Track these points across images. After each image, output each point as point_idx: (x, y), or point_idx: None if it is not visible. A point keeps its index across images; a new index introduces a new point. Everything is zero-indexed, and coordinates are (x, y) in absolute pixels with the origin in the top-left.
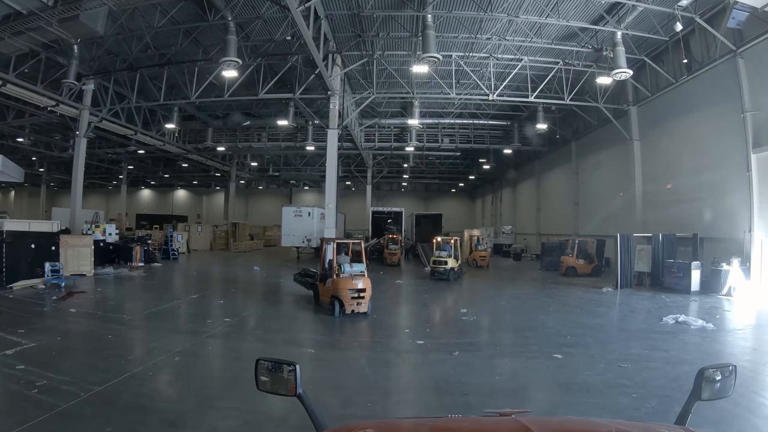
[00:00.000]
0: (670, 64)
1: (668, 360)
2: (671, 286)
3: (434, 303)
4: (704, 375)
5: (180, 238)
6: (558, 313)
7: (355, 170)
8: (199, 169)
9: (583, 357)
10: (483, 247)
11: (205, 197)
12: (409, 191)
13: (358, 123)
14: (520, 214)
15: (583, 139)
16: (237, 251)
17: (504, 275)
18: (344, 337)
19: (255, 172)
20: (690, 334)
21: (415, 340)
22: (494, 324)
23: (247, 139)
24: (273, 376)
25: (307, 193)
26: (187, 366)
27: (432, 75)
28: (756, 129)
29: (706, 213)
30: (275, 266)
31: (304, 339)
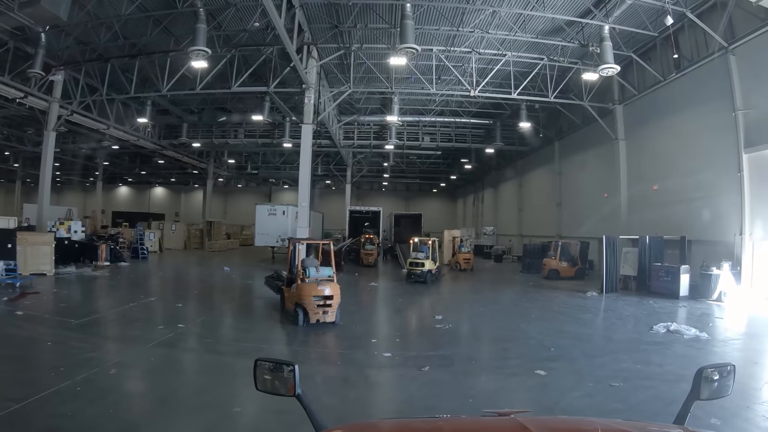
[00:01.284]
0: (658, 62)
1: (664, 377)
2: (659, 290)
3: (408, 308)
4: (703, 374)
5: (152, 237)
6: (540, 320)
7: (335, 169)
8: (176, 167)
9: (568, 373)
10: (467, 249)
11: (184, 195)
12: (389, 191)
13: (336, 120)
14: (502, 214)
15: (567, 138)
16: (211, 250)
17: (483, 278)
18: (304, 349)
19: (233, 169)
20: (683, 345)
21: (383, 353)
22: (471, 333)
23: (223, 135)
24: (272, 376)
25: (287, 192)
26: (120, 381)
27: (412, 70)
28: (748, 128)
29: (695, 215)
30: (248, 266)
31: (258, 351)
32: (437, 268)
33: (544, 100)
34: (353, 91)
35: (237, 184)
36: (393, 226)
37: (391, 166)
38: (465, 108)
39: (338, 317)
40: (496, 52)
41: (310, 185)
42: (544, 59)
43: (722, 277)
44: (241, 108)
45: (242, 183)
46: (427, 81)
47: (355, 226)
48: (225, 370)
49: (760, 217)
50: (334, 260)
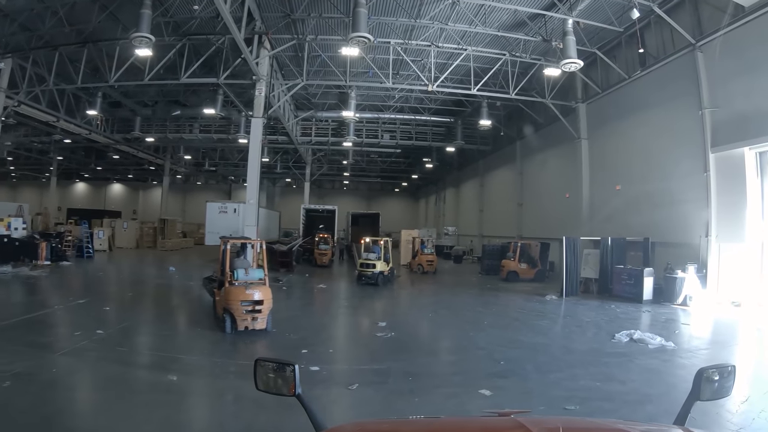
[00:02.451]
0: (623, 60)
1: (627, 397)
2: (621, 294)
3: (352, 314)
4: (703, 375)
5: (101, 235)
6: (493, 328)
7: (294, 167)
8: (133, 162)
9: (517, 394)
10: (430, 250)
11: (142, 192)
12: (351, 190)
13: (293, 115)
14: (464, 215)
15: (529, 137)
16: (164, 249)
17: (439, 280)
18: (224, 360)
19: (191, 166)
20: (648, 357)
21: (310, 366)
22: (414, 343)
23: (177, 130)
24: (272, 376)
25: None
26: (10, 395)
27: (369, 64)
28: (715, 127)
29: (660, 216)
30: (196, 267)
31: (174, 362)
32: (390, 270)
33: (505, 96)
34: (307, 84)
35: (196, 182)
36: (350, 226)
37: (351, 165)
38: (425, 105)
39: (270, 324)
40: (457, 47)
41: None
42: (506, 55)
43: (687, 281)
44: (196, 101)
45: (201, 180)
46: (385, 75)
47: (311, 225)
48: (126, 385)
49: (726, 218)
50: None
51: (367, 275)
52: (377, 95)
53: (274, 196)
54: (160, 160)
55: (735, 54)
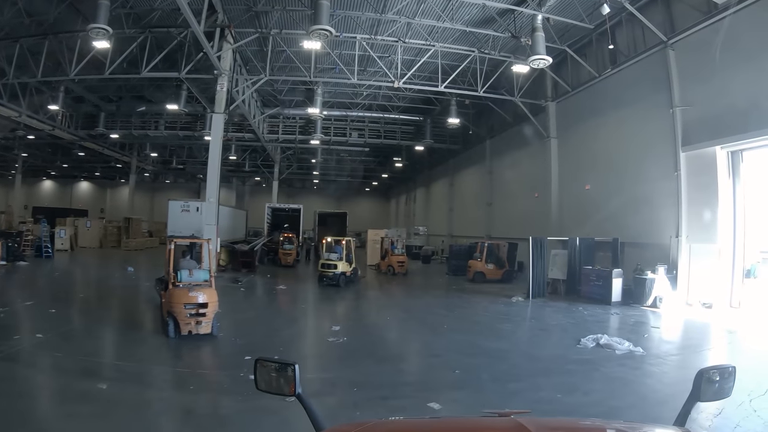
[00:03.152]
0: (593, 58)
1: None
2: (589, 295)
3: (307, 317)
4: (703, 376)
5: (63, 234)
6: (453, 332)
7: (262, 165)
8: (100, 160)
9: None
10: (400, 250)
11: (110, 190)
12: (321, 189)
13: (260, 112)
14: (434, 214)
15: (499, 136)
16: (127, 249)
17: (404, 281)
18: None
19: (158, 164)
20: (615, 363)
21: (250, 375)
22: (367, 349)
23: (143, 126)
24: (272, 376)
25: None
26: None
27: (335, 60)
28: (686, 125)
29: (629, 216)
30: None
31: (108, 369)
32: (353, 270)
33: (473, 94)
34: (271, 79)
35: (165, 180)
36: (317, 225)
37: (321, 164)
38: (393, 103)
39: (216, 328)
40: (424, 43)
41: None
42: (474, 51)
43: (657, 282)
44: (160, 97)
45: (170, 179)
46: (351, 72)
47: (277, 224)
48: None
49: (697, 219)
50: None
51: (328, 276)
52: (345, 92)
53: (243, 194)
54: (126, 158)
55: (707, 52)
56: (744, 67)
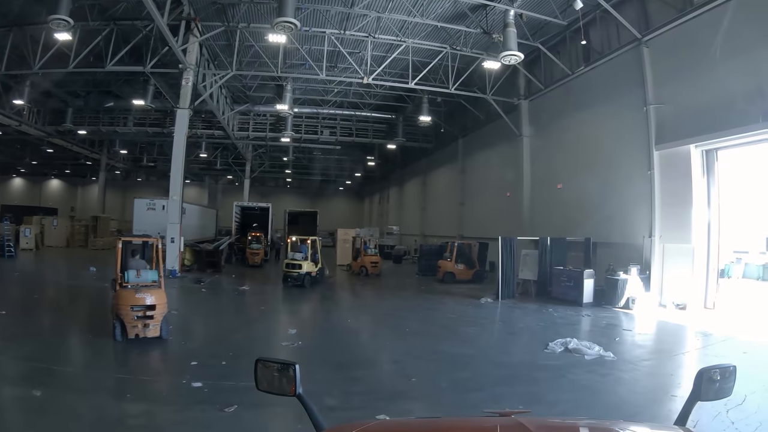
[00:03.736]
0: (566, 55)
1: None
2: (560, 296)
3: (264, 319)
4: (704, 376)
5: (28, 233)
6: (416, 336)
7: (234, 163)
8: (70, 157)
9: None
10: (373, 250)
11: (81, 188)
12: (295, 188)
13: (229, 109)
14: (406, 214)
15: (471, 135)
16: (95, 248)
17: (372, 282)
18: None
19: (129, 162)
20: (584, 370)
21: (193, 382)
22: (321, 354)
23: (111, 122)
24: (273, 376)
25: (189, 187)
26: None
27: (304, 55)
28: (659, 123)
29: (602, 215)
30: None
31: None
32: (319, 271)
33: (444, 91)
34: (239, 74)
35: (137, 178)
36: (287, 224)
37: (293, 162)
38: (365, 100)
39: (165, 331)
40: (395, 39)
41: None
42: (446, 48)
43: (630, 283)
44: (128, 92)
45: (142, 177)
46: (320, 68)
47: (246, 223)
48: None
49: (671, 218)
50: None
51: (292, 276)
52: (315, 89)
53: (216, 193)
54: (96, 155)
55: (682, 49)
56: (718, 65)
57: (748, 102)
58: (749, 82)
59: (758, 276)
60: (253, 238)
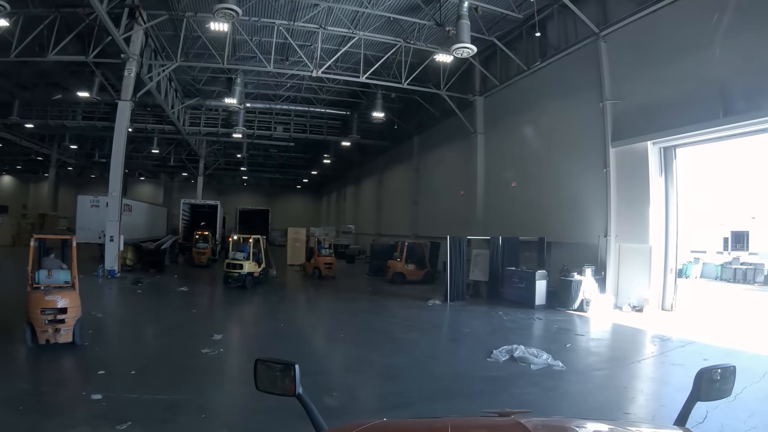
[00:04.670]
0: (523, 51)
1: None
2: (512, 298)
3: (193, 323)
4: (703, 376)
5: None
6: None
7: (188, 160)
8: (19, 152)
9: None
10: (328, 251)
11: (33, 185)
12: (252, 186)
13: (180, 102)
14: (363, 213)
15: (427, 133)
16: None
17: (319, 283)
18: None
19: (82, 157)
20: (529, 382)
21: (93, 394)
22: (240, 364)
23: (60, 116)
24: (272, 376)
25: (143, 184)
26: None
27: (252, 48)
28: (616, 120)
29: (557, 214)
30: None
31: None
32: (263, 271)
33: (396, 86)
34: (188, 67)
35: (90, 174)
36: (239, 223)
37: (248, 159)
38: (318, 96)
39: (79, 336)
40: (347, 31)
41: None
42: (400, 42)
43: (584, 284)
44: (76, 84)
45: (96, 173)
46: (268, 60)
47: (195, 221)
48: None
49: (627, 218)
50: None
51: (233, 277)
52: (267, 84)
53: (171, 191)
54: (46, 150)
55: (639, 44)
56: (676, 61)
57: (708, 98)
58: (710, 77)
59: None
60: (200, 237)
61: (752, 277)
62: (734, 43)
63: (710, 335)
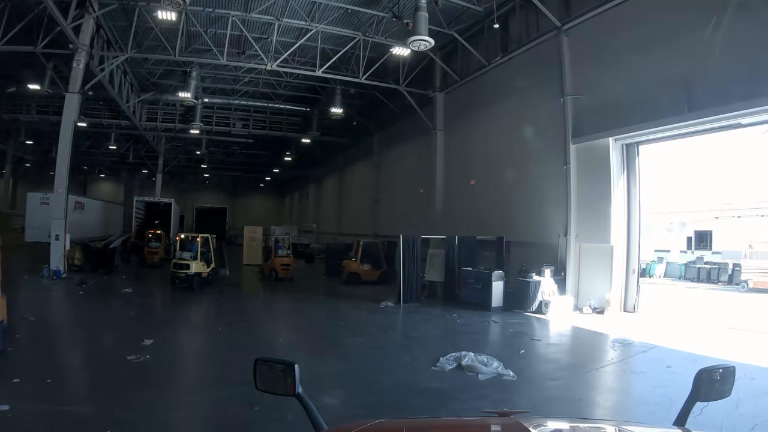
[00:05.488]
0: (484, 46)
1: None
2: (469, 300)
3: (126, 326)
4: (703, 376)
5: None
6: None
7: (147, 156)
8: None
9: None
10: (286, 251)
11: None
12: (214, 185)
13: (135, 97)
14: (324, 211)
15: (388, 130)
16: None
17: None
18: None
19: (39, 153)
20: (473, 395)
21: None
22: (165, 372)
23: (14, 110)
24: (272, 376)
25: (103, 182)
26: None
27: (206, 40)
28: (577, 115)
29: (517, 213)
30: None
31: None
32: (212, 271)
33: (354, 80)
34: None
35: (50, 171)
36: (196, 221)
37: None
38: (277, 91)
39: (1, 341)
40: (304, 23)
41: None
42: (359, 35)
43: (543, 285)
44: (30, 77)
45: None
46: (228, 54)
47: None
48: None
49: (588, 216)
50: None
51: (179, 277)
52: (225, 78)
53: (132, 188)
54: (1, 145)
55: (603, 38)
56: (639, 55)
57: (672, 93)
58: (674, 71)
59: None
60: (152, 236)
61: (716, 277)
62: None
63: (673, 339)
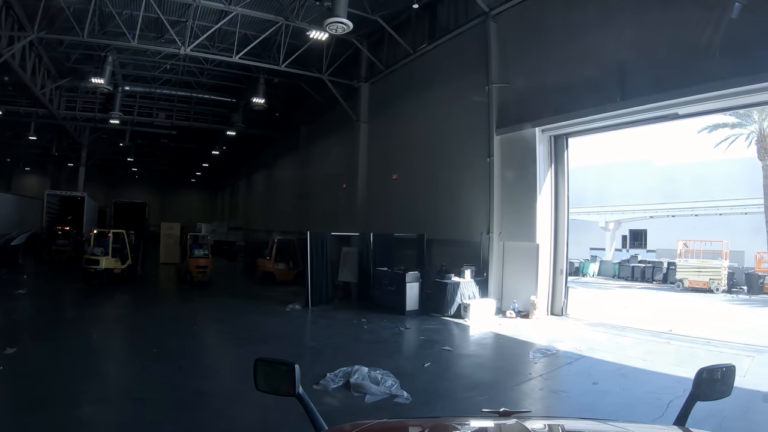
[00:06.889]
0: (411, 34)
1: None
2: (383, 302)
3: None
4: (703, 375)
5: None
6: (156, 361)
7: (70, 149)
8: None
9: None
10: (203, 251)
11: None
12: (144, 179)
13: (51, 82)
14: (253, 208)
15: (313, 122)
16: None
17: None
18: None
19: None
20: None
21: None
22: (17, 385)
23: None
24: (272, 376)
25: (29, 175)
26: None
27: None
28: (503, 105)
29: (440, 209)
30: None
31: None
32: (127, 267)
33: (273, 68)
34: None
35: None
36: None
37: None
38: (199, 79)
39: None
40: (223, 6)
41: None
42: (281, 20)
43: (462, 287)
44: None
45: None
46: (140, 38)
47: (62, 214)
48: None
49: (513, 213)
50: None
51: (90, 273)
52: (144, 65)
53: (59, 183)
54: None
55: (532, 23)
56: (570, 41)
57: (604, 80)
58: (607, 58)
59: (614, 274)
60: (61, 233)
61: (650, 276)
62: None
63: (602, 347)
